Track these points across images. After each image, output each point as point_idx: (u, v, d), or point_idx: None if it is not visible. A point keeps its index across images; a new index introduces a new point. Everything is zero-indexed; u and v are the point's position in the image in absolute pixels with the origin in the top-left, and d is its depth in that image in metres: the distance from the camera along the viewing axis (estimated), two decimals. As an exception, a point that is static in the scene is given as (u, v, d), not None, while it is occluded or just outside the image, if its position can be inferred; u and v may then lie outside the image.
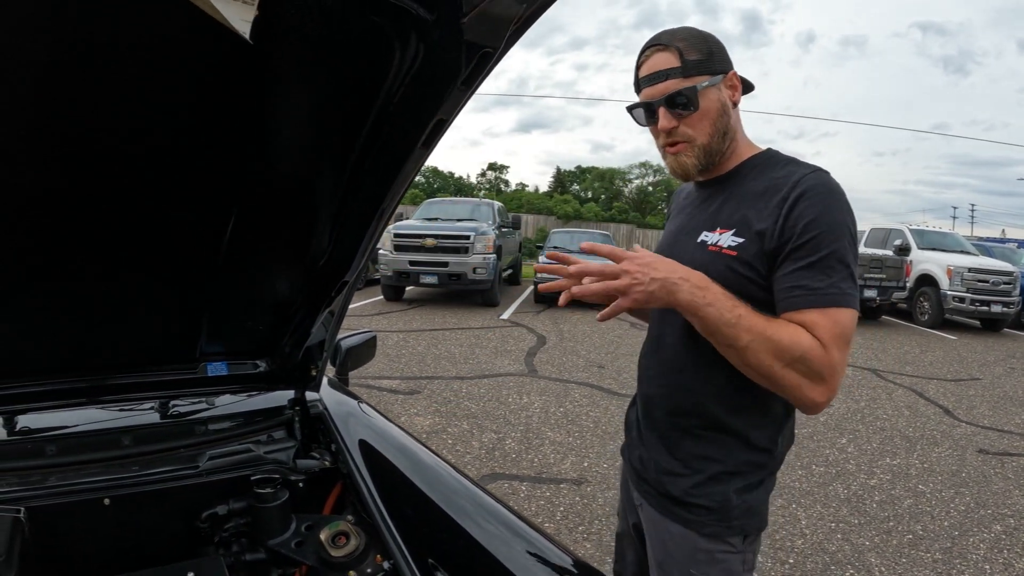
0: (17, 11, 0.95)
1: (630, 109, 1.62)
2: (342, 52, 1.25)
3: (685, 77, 1.50)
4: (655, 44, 1.54)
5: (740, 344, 1.37)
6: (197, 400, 1.98)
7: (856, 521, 4.54)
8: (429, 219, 15.11)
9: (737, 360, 1.41)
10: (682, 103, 1.51)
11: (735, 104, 1.58)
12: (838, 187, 1.44)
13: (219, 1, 0.83)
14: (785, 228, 1.40)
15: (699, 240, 1.57)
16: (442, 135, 1.44)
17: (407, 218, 16.28)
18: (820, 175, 1.45)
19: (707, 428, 1.57)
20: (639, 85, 1.58)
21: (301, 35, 1.17)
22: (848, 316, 1.38)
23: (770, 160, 1.57)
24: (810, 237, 1.38)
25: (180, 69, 1.16)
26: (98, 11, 1.01)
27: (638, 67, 1.58)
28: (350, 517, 1.66)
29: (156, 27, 1.05)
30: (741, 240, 1.48)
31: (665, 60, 1.52)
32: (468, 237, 13.44)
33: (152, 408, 1.90)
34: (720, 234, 1.52)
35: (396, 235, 13.67)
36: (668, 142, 1.58)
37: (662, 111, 1.54)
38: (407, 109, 1.38)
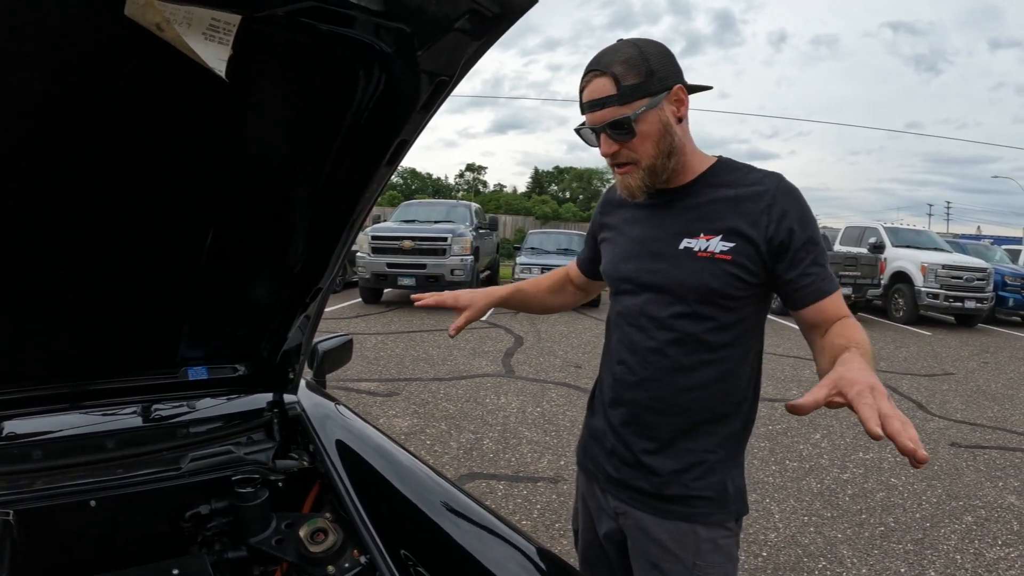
0: (9, 36, 1.01)
1: (577, 130, 1.64)
2: (311, 81, 1.34)
3: (622, 105, 1.51)
4: (594, 69, 1.55)
5: None
6: (178, 404, 2.02)
7: (829, 514, 4.63)
8: (406, 221, 15.08)
9: None
10: (620, 131, 1.54)
11: (680, 119, 1.59)
12: (797, 188, 1.59)
13: (196, 43, 0.88)
14: (779, 233, 1.53)
15: (682, 247, 1.60)
16: (405, 154, 1.53)
17: (385, 220, 16.23)
18: (786, 181, 1.58)
19: (701, 422, 1.62)
20: (582, 109, 1.60)
21: (273, 68, 1.25)
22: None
23: (729, 168, 1.65)
24: (806, 239, 1.54)
25: (162, 91, 1.21)
26: (84, 38, 1.06)
27: (581, 90, 1.59)
28: (328, 515, 1.71)
29: (136, 57, 1.10)
30: (732, 244, 1.55)
31: (602, 87, 1.53)
32: (445, 239, 13.47)
33: (135, 412, 1.94)
34: (707, 240, 1.57)
35: (374, 237, 13.64)
36: (614, 163, 1.62)
37: (603, 137, 1.58)
38: (371, 131, 1.46)
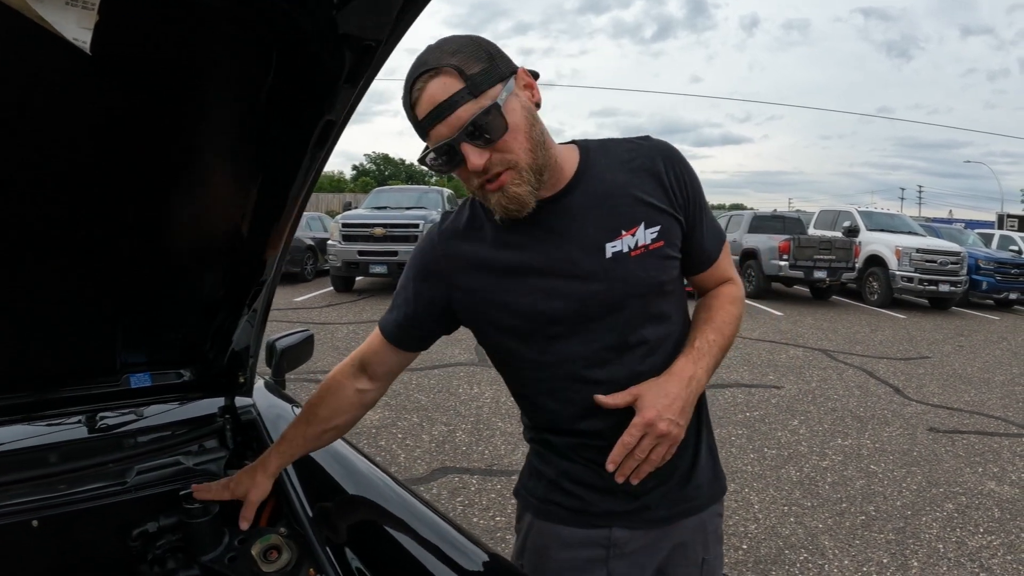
0: None
1: (422, 160, 1.31)
2: (211, 52, 1.18)
3: (477, 96, 1.21)
4: (424, 71, 1.22)
5: (726, 349, 1.51)
6: (123, 413, 1.92)
7: (809, 504, 4.62)
8: (378, 208, 15.01)
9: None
10: (487, 129, 1.22)
11: (538, 104, 1.33)
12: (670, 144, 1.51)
13: (52, 10, 0.70)
14: (678, 196, 1.44)
15: (610, 255, 1.37)
16: (336, 136, 1.35)
17: (356, 207, 16.14)
18: (660, 141, 1.50)
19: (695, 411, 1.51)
20: (422, 127, 1.26)
21: (157, 38, 1.10)
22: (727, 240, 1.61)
23: (600, 150, 1.47)
24: (695, 196, 1.48)
25: (28, 73, 1.09)
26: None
27: (412, 107, 1.26)
28: (283, 529, 1.61)
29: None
30: (658, 227, 1.40)
31: (443, 86, 1.21)
32: (417, 225, 13.40)
33: (78, 423, 1.84)
34: (632, 235, 1.38)
35: (344, 225, 13.60)
36: (486, 179, 1.29)
37: (466, 148, 1.23)
38: (291, 111, 1.30)
